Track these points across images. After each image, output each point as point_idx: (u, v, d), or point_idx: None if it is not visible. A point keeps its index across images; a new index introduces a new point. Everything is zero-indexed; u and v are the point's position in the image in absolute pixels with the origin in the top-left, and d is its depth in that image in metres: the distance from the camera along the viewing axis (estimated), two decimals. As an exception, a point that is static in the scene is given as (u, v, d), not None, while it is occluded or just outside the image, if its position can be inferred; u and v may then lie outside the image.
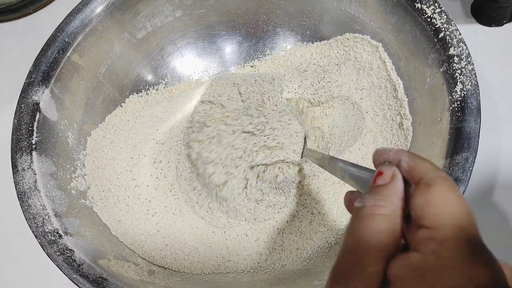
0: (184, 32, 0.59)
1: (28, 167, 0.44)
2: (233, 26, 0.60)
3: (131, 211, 0.51)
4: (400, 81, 0.51)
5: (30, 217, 0.42)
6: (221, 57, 0.61)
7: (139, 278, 0.43)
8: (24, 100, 0.47)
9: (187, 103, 0.57)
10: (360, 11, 0.53)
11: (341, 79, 0.56)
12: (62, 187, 0.46)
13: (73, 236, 0.43)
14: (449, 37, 0.45)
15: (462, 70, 0.43)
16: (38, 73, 0.49)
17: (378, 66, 0.53)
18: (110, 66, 0.55)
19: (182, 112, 0.57)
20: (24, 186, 0.43)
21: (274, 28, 0.60)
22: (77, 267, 0.40)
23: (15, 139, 0.46)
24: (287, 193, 0.50)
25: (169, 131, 0.56)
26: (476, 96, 0.42)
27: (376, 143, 0.52)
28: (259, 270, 0.48)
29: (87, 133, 0.52)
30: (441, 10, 0.46)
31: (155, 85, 0.58)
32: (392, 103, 0.52)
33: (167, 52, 0.59)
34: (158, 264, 0.47)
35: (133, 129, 0.56)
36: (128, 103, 0.56)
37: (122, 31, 0.55)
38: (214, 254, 0.49)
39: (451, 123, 0.42)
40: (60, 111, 0.49)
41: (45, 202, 0.43)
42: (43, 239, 0.41)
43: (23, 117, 0.47)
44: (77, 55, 0.51)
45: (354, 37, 0.55)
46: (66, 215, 0.44)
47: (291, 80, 0.56)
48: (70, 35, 0.51)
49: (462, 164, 0.40)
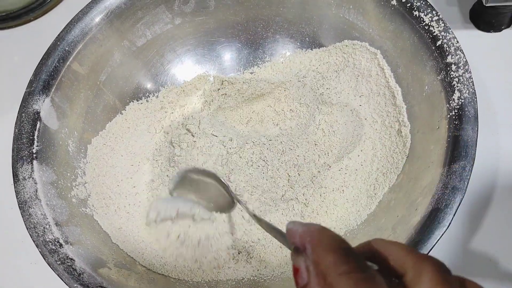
0: (183, 39, 0.59)
1: (29, 176, 0.45)
2: (232, 33, 0.60)
3: (131, 219, 0.51)
4: (398, 88, 0.51)
5: (31, 226, 0.43)
6: (221, 63, 0.61)
7: (139, 286, 0.44)
8: (24, 109, 0.48)
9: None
10: (359, 18, 0.54)
11: (340, 85, 0.56)
12: (63, 196, 0.47)
13: (73, 245, 0.43)
14: (446, 45, 0.45)
15: (459, 78, 0.44)
16: (39, 82, 0.49)
17: (376, 73, 0.53)
18: (110, 74, 0.55)
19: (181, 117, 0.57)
20: (25, 196, 0.44)
21: (273, 34, 0.60)
22: (78, 276, 0.40)
23: (16, 148, 0.46)
24: None
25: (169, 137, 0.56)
26: (474, 104, 0.43)
27: (375, 149, 0.52)
28: (260, 277, 0.48)
29: (88, 141, 0.52)
30: (438, 18, 0.47)
31: (155, 92, 0.59)
32: (390, 110, 0.52)
33: (167, 60, 0.59)
34: (158, 271, 0.47)
35: (133, 136, 0.56)
36: (129, 111, 0.57)
37: (122, 39, 0.55)
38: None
39: (449, 131, 0.43)
40: (60, 120, 0.50)
41: (46, 211, 0.44)
42: (44, 249, 0.42)
43: (23, 126, 0.47)
44: (77, 63, 0.51)
45: (353, 44, 0.55)
46: (66, 223, 0.44)
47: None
48: (70, 43, 0.51)
49: (459, 173, 0.40)
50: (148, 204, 0.51)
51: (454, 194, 0.39)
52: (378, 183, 0.50)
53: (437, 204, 0.39)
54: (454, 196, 0.39)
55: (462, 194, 0.39)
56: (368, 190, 0.51)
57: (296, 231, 0.24)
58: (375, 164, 0.52)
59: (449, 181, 0.40)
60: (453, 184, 0.39)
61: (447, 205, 0.39)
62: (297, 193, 0.51)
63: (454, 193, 0.39)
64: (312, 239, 0.23)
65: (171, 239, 0.45)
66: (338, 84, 0.56)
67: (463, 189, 0.39)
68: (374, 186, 0.51)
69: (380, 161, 0.51)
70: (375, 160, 0.52)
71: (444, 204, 0.39)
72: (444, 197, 0.39)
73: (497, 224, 0.49)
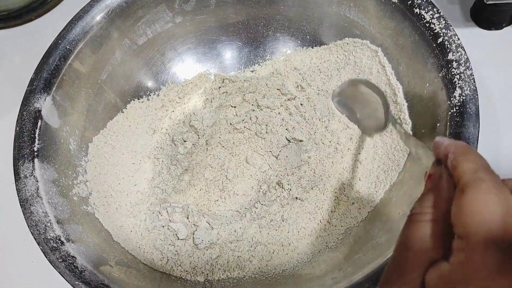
0: (184, 38, 0.59)
1: (30, 174, 0.45)
2: (233, 31, 0.60)
3: (132, 217, 0.51)
4: (399, 86, 0.51)
5: (33, 224, 0.43)
6: (221, 62, 0.61)
7: (141, 284, 0.44)
8: (26, 107, 0.48)
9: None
10: (360, 16, 0.54)
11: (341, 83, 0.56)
12: (64, 194, 0.47)
13: (75, 242, 0.43)
14: (447, 42, 0.45)
15: (460, 75, 0.44)
16: (40, 81, 0.49)
17: (377, 71, 0.53)
18: (111, 72, 0.55)
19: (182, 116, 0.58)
20: (26, 193, 0.44)
21: (274, 33, 0.60)
22: (79, 274, 0.40)
23: (17, 146, 0.46)
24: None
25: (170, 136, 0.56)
26: (475, 101, 0.42)
27: (376, 147, 0.52)
28: (261, 275, 0.48)
29: (89, 140, 0.52)
30: (439, 15, 0.47)
31: (156, 91, 0.59)
32: (392, 108, 0.52)
33: (168, 58, 0.59)
34: (159, 269, 0.48)
35: (134, 134, 0.56)
36: (129, 109, 0.57)
37: (122, 37, 0.55)
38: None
39: (450, 128, 0.43)
40: (61, 118, 0.50)
41: (47, 209, 0.44)
42: (45, 246, 0.42)
43: (25, 124, 0.47)
44: (78, 62, 0.51)
45: (354, 41, 0.55)
46: (68, 221, 0.45)
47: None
48: (71, 42, 0.51)
49: (461, 170, 0.40)
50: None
51: (456, 191, 0.39)
52: (379, 181, 0.50)
53: (439, 201, 0.39)
54: (455, 193, 0.39)
55: (463, 191, 0.39)
56: (369, 188, 0.51)
57: (443, 142, 0.26)
58: (376, 162, 0.52)
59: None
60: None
61: (449, 202, 0.39)
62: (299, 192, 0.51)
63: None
64: (457, 149, 0.25)
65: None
66: (339, 82, 0.56)
67: (464, 186, 0.39)
68: (375, 184, 0.51)
69: (381, 159, 0.51)
70: (376, 158, 0.52)
71: (445, 201, 0.39)
72: (446, 194, 0.39)
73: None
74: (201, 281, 0.47)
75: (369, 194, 0.50)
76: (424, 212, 0.25)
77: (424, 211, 0.25)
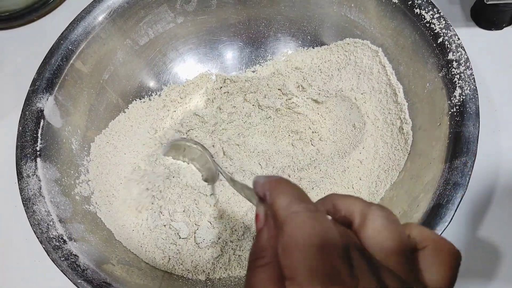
0: (185, 38, 0.59)
1: (33, 173, 0.45)
2: (234, 32, 0.60)
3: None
4: (400, 86, 0.52)
5: (35, 223, 0.43)
6: (223, 62, 0.61)
7: (143, 282, 0.44)
8: (28, 107, 0.48)
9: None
10: (360, 16, 0.54)
11: (342, 83, 0.56)
12: (66, 193, 0.47)
13: (77, 241, 0.43)
14: (448, 42, 0.46)
15: (461, 75, 0.44)
16: (42, 81, 0.49)
17: (378, 71, 0.54)
18: (113, 72, 0.55)
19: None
20: (29, 193, 0.44)
21: (275, 33, 0.60)
22: (82, 272, 0.41)
23: (20, 146, 0.47)
24: None
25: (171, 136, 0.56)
26: (475, 101, 0.43)
27: (377, 147, 0.52)
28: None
29: (91, 139, 0.53)
30: (440, 15, 0.47)
31: (157, 91, 0.59)
32: (392, 108, 0.52)
33: (169, 58, 0.60)
34: (161, 268, 0.48)
35: (136, 134, 0.56)
36: (131, 109, 0.57)
37: (124, 38, 0.55)
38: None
39: (450, 128, 0.43)
40: (64, 118, 0.50)
41: (49, 208, 0.44)
42: (47, 245, 0.42)
43: (27, 124, 0.47)
44: (81, 62, 0.52)
45: (354, 42, 0.55)
46: (70, 220, 0.45)
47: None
48: (73, 42, 0.51)
49: (461, 169, 0.40)
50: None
51: (456, 190, 0.39)
52: (380, 180, 0.50)
53: (439, 200, 0.40)
54: (455, 192, 0.39)
55: (463, 190, 0.39)
56: (370, 187, 0.51)
57: (259, 181, 0.26)
58: (377, 161, 0.52)
59: (451, 177, 0.40)
60: (455, 180, 0.40)
61: (449, 201, 0.39)
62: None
63: (455, 189, 0.39)
64: (271, 186, 0.24)
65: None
66: (340, 82, 0.56)
67: (464, 185, 0.39)
68: (376, 183, 0.51)
69: (381, 159, 0.52)
70: (377, 158, 0.52)
71: (445, 200, 0.39)
72: (446, 193, 0.40)
73: (499, 219, 0.50)
74: (203, 280, 0.48)
75: (370, 193, 0.50)
76: (260, 257, 0.23)
77: (259, 255, 0.23)
